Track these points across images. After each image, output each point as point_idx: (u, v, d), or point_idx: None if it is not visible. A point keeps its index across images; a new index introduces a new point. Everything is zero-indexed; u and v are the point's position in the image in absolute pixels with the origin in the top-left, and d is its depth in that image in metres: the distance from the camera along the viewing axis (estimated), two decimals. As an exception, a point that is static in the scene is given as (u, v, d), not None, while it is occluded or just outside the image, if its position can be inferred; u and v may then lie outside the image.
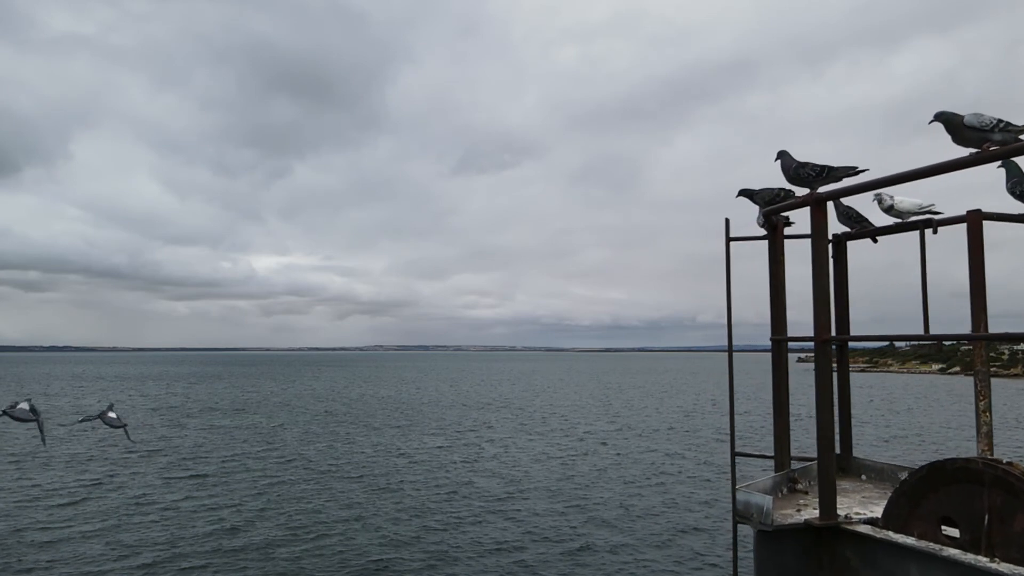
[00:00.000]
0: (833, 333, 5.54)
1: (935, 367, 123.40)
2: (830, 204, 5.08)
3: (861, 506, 4.64)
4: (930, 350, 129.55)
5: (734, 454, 5.71)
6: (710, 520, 18.48)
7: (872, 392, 71.81)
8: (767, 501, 4.09)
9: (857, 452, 6.06)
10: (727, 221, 5.53)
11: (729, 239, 5.56)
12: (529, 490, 22.04)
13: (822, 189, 4.53)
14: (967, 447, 30.82)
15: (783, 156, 4.96)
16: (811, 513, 4.26)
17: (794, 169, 4.75)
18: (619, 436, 35.58)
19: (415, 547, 15.99)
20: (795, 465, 5.43)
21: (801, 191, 4.80)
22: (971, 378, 5.05)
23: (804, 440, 8.01)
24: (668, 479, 24.00)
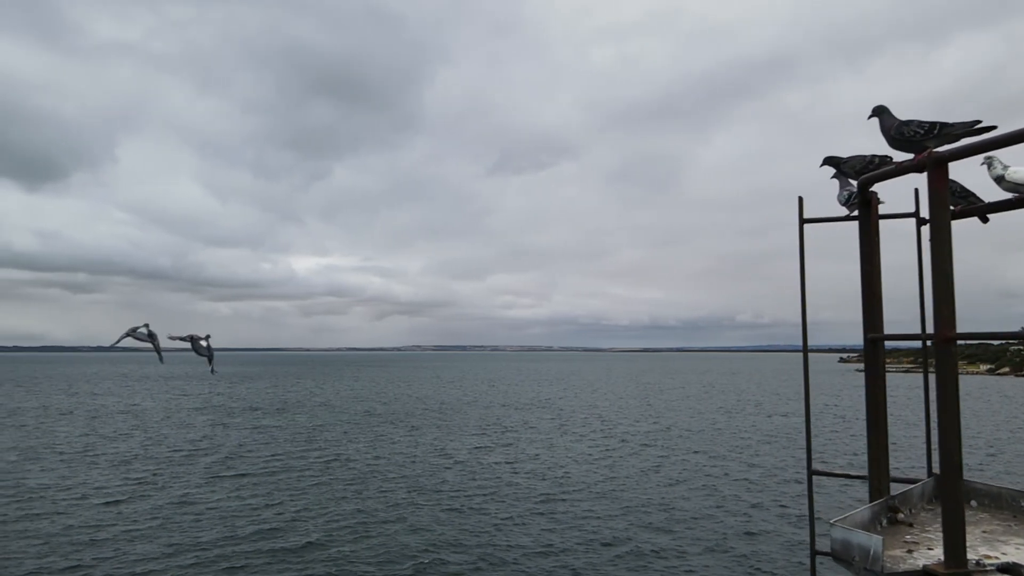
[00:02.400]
0: (931, 330, 4.65)
1: (983, 367, 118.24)
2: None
3: (987, 545, 3.51)
4: (977, 350, 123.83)
5: (811, 473, 4.79)
6: (755, 523, 17.72)
7: (919, 393, 68.87)
8: (875, 542, 3.11)
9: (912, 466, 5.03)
10: (800, 200, 4.75)
11: (803, 221, 4.75)
12: (573, 491, 21.46)
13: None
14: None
15: (881, 113, 4.00)
16: (926, 555, 3.29)
17: (896, 127, 3.82)
18: (661, 437, 34.66)
19: (458, 548, 15.65)
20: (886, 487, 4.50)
21: (901, 157, 3.91)
22: (1022, 379, 4.13)
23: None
24: (714, 481, 23.19)
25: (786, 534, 16.97)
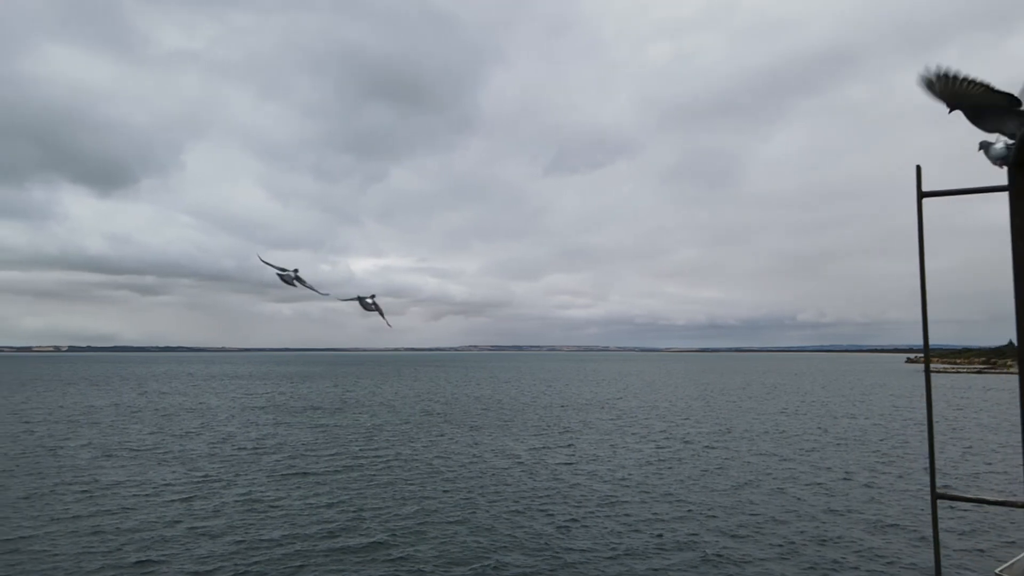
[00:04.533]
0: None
1: None
2: None
3: None
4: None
5: (936, 496, 3.91)
6: (827, 528, 16.71)
7: (997, 396, 64.95)
8: None
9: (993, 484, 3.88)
10: (918, 169, 4.00)
11: (922, 194, 4.03)
12: (635, 493, 20.89)
13: None
14: None
15: None
16: None
17: None
18: (724, 438, 33.61)
19: (521, 549, 15.34)
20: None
21: None
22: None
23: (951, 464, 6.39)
24: (784, 484, 22.20)
25: (860, 541, 15.98)
